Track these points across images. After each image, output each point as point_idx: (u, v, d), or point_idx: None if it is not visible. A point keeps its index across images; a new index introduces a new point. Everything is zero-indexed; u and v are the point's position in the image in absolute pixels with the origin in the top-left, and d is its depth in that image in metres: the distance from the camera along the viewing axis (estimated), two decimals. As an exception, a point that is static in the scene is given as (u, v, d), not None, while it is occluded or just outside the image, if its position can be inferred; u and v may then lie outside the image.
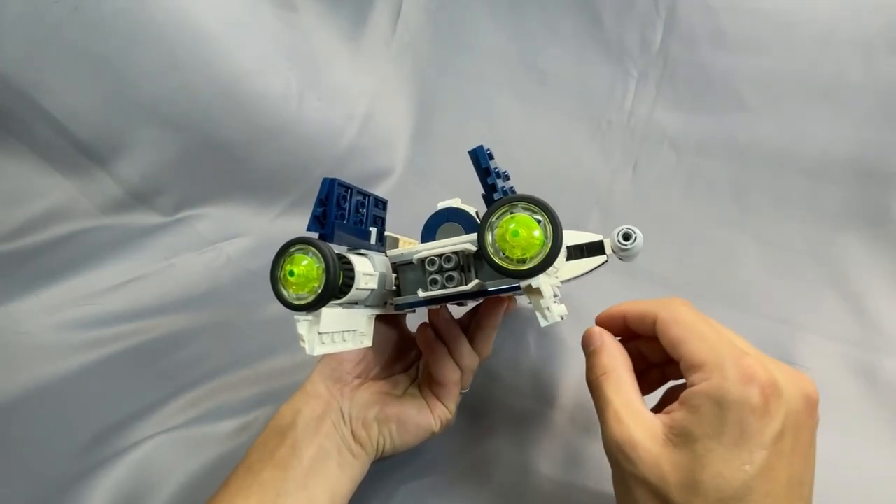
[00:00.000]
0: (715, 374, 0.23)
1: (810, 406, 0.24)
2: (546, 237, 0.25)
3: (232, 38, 0.57)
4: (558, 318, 0.26)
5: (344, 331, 0.28)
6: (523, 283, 0.26)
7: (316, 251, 0.26)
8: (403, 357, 0.39)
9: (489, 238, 0.26)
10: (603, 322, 0.31)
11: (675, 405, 0.24)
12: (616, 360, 0.28)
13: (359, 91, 0.69)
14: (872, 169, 0.50)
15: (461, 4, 0.69)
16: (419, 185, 0.67)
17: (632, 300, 0.29)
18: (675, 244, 0.54)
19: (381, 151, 0.69)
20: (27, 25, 0.49)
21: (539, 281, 0.26)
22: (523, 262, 0.25)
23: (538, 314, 0.26)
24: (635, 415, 0.25)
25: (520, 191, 0.34)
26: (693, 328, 0.25)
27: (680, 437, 0.23)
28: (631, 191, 0.59)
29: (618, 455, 0.25)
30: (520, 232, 0.25)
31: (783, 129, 0.54)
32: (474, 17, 0.69)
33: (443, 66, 0.71)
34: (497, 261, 0.25)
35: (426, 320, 0.37)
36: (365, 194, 0.31)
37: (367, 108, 0.69)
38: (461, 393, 0.37)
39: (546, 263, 0.25)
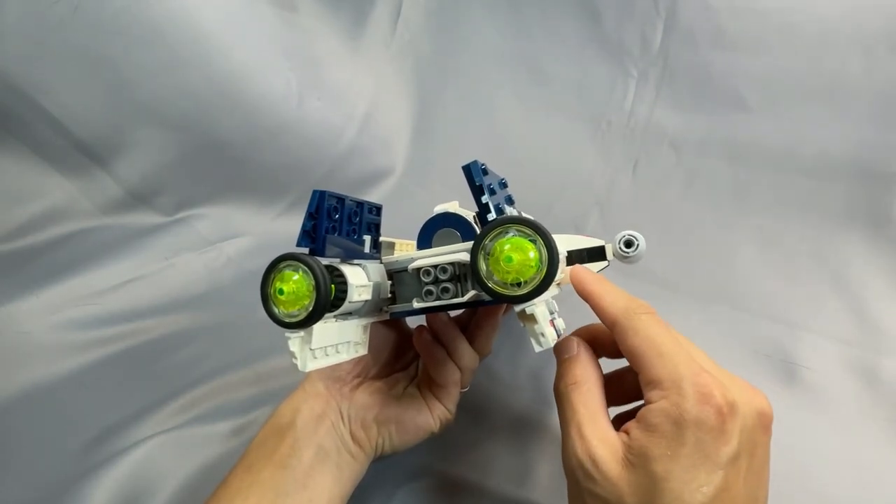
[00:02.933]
0: (672, 392, 0.22)
1: (764, 423, 0.24)
2: (541, 260, 0.24)
3: (232, 38, 0.57)
4: (552, 343, 0.26)
5: (338, 343, 0.28)
6: (517, 308, 0.25)
7: (305, 268, 0.25)
8: (402, 356, 0.39)
9: (482, 264, 0.25)
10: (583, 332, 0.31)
11: (632, 423, 0.24)
12: (588, 373, 0.27)
13: (359, 91, 0.69)
14: (872, 169, 0.50)
15: (461, 4, 0.69)
16: (419, 186, 0.67)
17: (603, 285, 0.28)
18: (675, 244, 0.54)
19: (381, 151, 0.69)
20: (27, 25, 0.49)
21: (534, 306, 0.25)
22: (518, 285, 0.25)
23: (532, 340, 0.26)
24: (599, 431, 0.24)
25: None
26: (651, 341, 0.24)
27: (638, 458, 0.23)
28: (631, 191, 0.59)
29: (577, 471, 0.24)
30: (513, 257, 0.24)
31: (783, 129, 0.54)
32: (474, 17, 0.69)
33: (443, 66, 0.71)
34: (491, 285, 0.25)
35: (424, 321, 0.36)
36: (358, 202, 0.30)
37: (367, 108, 0.69)
38: (461, 392, 0.37)
39: (541, 288, 0.24)
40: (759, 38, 0.55)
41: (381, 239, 0.33)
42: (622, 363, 0.30)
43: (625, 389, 0.29)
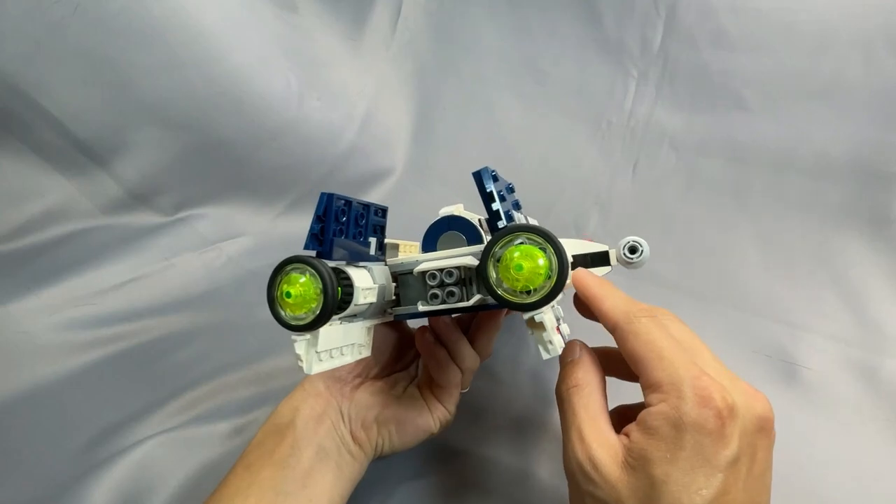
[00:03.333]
0: (671, 395, 0.23)
1: (765, 427, 0.23)
2: (551, 269, 0.24)
3: (232, 38, 0.57)
4: (559, 351, 0.26)
5: (342, 346, 0.28)
6: (525, 316, 0.25)
7: (313, 271, 0.25)
8: (403, 356, 0.39)
9: (492, 271, 0.25)
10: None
11: (633, 426, 0.24)
12: (590, 376, 0.27)
13: (359, 91, 0.69)
14: (872, 169, 0.50)
15: (461, 4, 0.69)
16: (419, 186, 0.67)
17: (605, 288, 0.27)
18: (675, 244, 0.54)
19: (381, 151, 0.69)
20: (28, 25, 0.49)
21: (542, 314, 0.25)
22: (527, 292, 0.25)
23: (540, 347, 0.26)
24: (599, 434, 0.25)
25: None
26: (652, 344, 0.24)
27: (638, 461, 0.23)
28: (631, 191, 0.59)
29: (577, 474, 0.24)
30: (523, 266, 0.24)
31: (783, 129, 0.54)
32: (474, 17, 0.69)
33: (443, 66, 0.71)
34: (500, 292, 0.25)
35: (425, 322, 0.36)
36: (365, 205, 0.30)
37: (367, 108, 0.69)
38: (461, 393, 0.37)
39: (551, 296, 0.24)
40: (759, 38, 0.55)
41: (386, 241, 0.33)
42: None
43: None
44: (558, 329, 0.27)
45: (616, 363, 0.29)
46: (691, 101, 0.58)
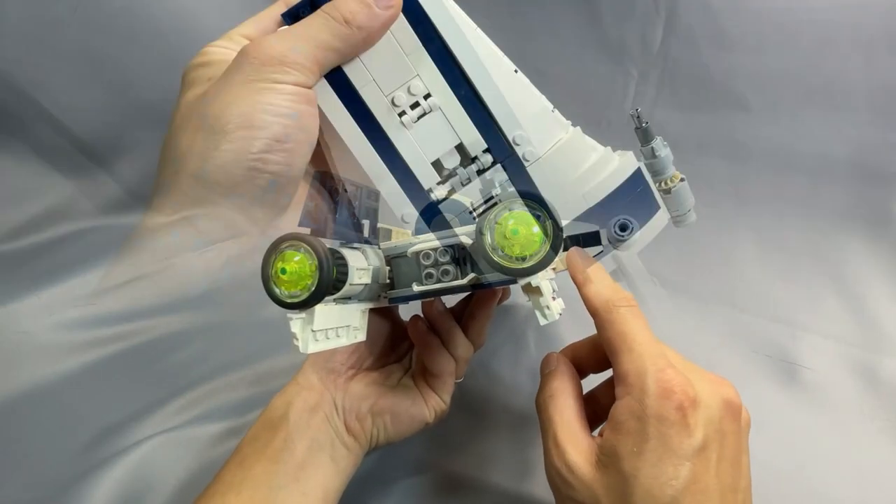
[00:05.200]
0: (636, 388, 0.23)
1: (732, 411, 0.24)
2: (546, 234, 0.25)
3: (232, 38, 0.57)
4: (557, 317, 0.26)
5: (338, 327, 0.28)
6: (522, 282, 0.26)
7: (308, 247, 0.26)
8: (397, 347, 0.39)
9: (488, 236, 0.25)
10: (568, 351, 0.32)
11: (605, 425, 0.25)
12: (565, 385, 0.28)
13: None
14: (872, 169, 0.50)
15: (461, 4, 0.69)
16: (419, 185, 0.67)
17: (592, 273, 0.28)
18: (674, 244, 0.54)
19: (381, 151, 0.69)
20: (27, 25, 0.49)
21: (538, 279, 0.25)
22: (522, 259, 0.25)
23: (538, 313, 0.26)
24: (573, 437, 0.25)
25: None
26: (624, 336, 0.25)
27: (609, 458, 0.23)
28: (631, 191, 0.59)
29: (556, 479, 0.25)
30: (519, 230, 0.24)
31: (783, 129, 0.54)
32: (474, 17, 0.69)
33: (443, 66, 0.71)
34: (496, 259, 0.25)
35: (419, 311, 0.36)
36: (357, 186, 0.31)
37: (367, 108, 0.68)
38: (455, 383, 0.37)
39: (546, 261, 0.24)
40: (759, 39, 0.55)
41: (379, 225, 0.33)
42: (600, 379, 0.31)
43: (596, 411, 0.29)
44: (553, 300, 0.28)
45: (582, 362, 0.31)
46: (691, 101, 0.58)
